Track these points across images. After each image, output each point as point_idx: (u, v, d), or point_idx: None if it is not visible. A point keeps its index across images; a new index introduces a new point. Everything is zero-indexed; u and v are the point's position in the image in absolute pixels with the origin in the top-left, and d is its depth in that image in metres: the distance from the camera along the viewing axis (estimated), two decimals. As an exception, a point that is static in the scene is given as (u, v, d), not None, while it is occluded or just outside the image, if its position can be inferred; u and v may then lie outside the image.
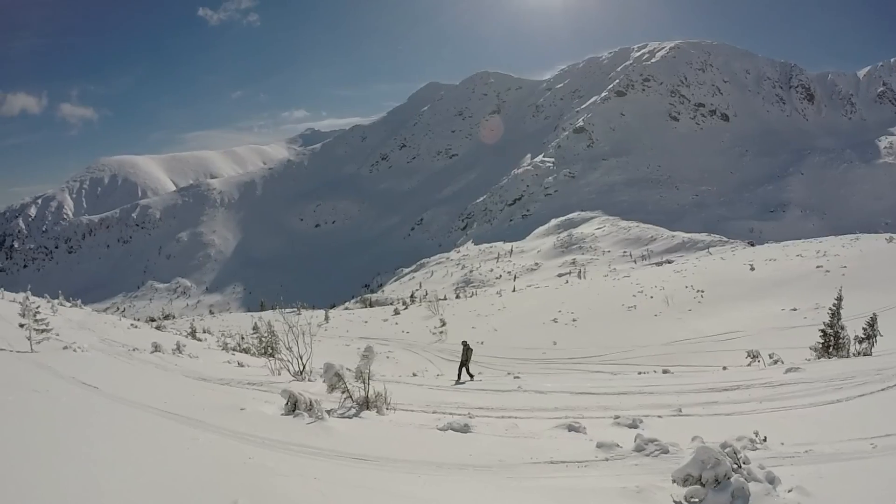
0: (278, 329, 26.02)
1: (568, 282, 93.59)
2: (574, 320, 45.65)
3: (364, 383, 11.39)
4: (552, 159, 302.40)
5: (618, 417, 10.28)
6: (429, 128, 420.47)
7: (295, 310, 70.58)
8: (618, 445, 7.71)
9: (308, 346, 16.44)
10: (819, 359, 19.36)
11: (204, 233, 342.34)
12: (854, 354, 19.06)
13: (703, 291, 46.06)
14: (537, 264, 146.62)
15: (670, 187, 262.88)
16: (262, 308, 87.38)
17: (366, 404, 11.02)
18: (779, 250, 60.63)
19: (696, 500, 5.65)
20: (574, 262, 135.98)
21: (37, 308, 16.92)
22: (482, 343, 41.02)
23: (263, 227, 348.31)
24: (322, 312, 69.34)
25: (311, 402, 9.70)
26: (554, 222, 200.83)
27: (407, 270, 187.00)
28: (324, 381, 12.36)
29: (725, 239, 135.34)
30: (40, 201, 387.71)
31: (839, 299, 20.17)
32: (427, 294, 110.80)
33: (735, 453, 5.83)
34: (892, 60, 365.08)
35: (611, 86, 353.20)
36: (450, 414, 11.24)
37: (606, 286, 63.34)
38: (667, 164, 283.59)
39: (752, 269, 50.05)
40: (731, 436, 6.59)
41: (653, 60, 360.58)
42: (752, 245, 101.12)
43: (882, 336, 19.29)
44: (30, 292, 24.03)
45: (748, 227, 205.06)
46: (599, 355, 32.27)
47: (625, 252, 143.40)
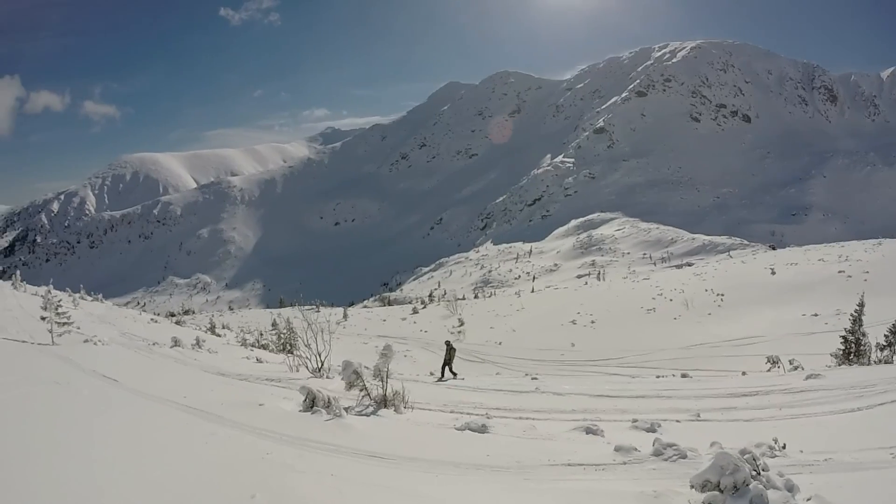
0: (297, 326, 26.31)
1: (587, 283, 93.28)
2: (592, 322, 45.56)
3: (382, 381, 11.44)
4: (572, 160, 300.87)
5: (636, 421, 10.25)
6: (448, 127, 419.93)
7: (314, 307, 70.99)
8: (636, 449, 7.67)
9: (326, 344, 16.55)
10: (840, 366, 19.16)
11: (224, 230, 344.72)
12: (875, 362, 18.84)
13: (723, 295, 45.76)
14: (556, 265, 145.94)
15: (691, 189, 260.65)
16: (282, 305, 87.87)
17: (383, 402, 11.07)
18: (800, 254, 60.06)
19: (714, 506, 5.61)
20: (593, 264, 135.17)
21: (59, 301, 17.22)
22: (500, 343, 41.10)
23: (283, 225, 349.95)
24: (341, 310, 69.74)
25: (329, 399, 9.74)
26: (574, 223, 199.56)
27: (426, 270, 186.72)
28: (342, 379, 12.43)
29: (746, 242, 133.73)
30: (63, 197, 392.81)
31: (861, 305, 19.95)
32: (446, 293, 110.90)
33: (754, 460, 5.78)
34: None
35: (631, 86, 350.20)
36: (467, 414, 11.26)
37: (625, 288, 63.09)
38: (687, 166, 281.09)
39: (773, 273, 49.61)
40: (749, 442, 6.52)
41: (674, 60, 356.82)
42: (774, 248, 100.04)
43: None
44: (52, 286, 24.44)
45: (769, 231, 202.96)
46: (617, 358, 32.16)
47: (645, 254, 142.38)
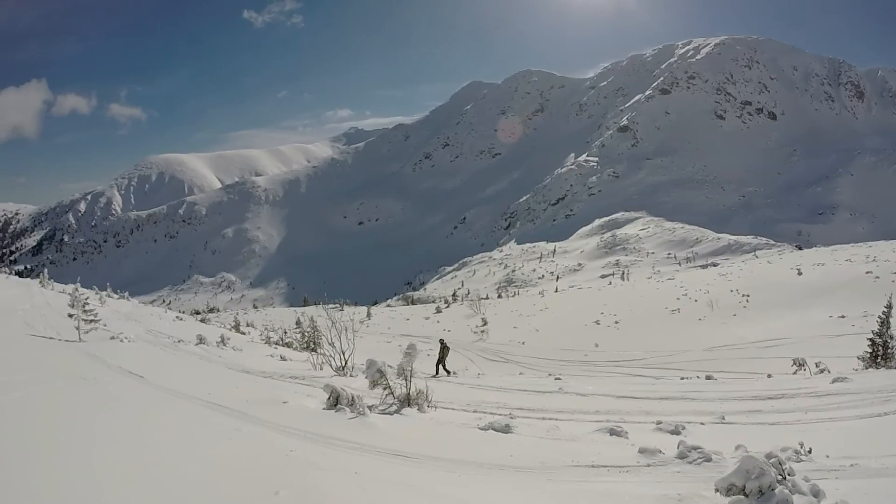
0: (321, 324, 26.54)
1: (611, 283, 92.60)
2: (616, 322, 45.27)
3: (406, 380, 11.50)
4: (596, 158, 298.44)
5: (660, 423, 10.20)
6: (472, 127, 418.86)
7: (337, 306, 71.45)
8: (660, 451, 7.64)
9: (350, 342, 16.69)
10: (867, 369, 18.84)
11: (249, 229, 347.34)
12: (903, 366, 18.52)
13: (748, 296, 45.23)
14: (580, 265, 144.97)
15: (716, 188, 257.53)
16: (305, 304, 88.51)
17: (407, 401, 11.13)
18: (827, 254, 59.18)
19: (739, 510, 5.57)
20: (617, 264, 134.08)
21: (86, 299, 17.51)
22: (523, 343, 40.98)
23: (307, 224, 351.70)
24: (364, 309, 69.98)
25: (352, 397, 9.82)
26: (597, 223, 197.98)
27: (449, 269, 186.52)
28: (366, 377, 12.53)
29: (772, 242, 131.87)
30: (89, 197, 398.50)
31: (889, 307, 19.63)
32: (469, 293, 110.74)
33: (780, 464, 5.72)
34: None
35: (655, 84, 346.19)
36: (490, 413, 11.27)
37: (650, 288, 62.58)
38: (712, 164, 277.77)
39: (800, 273, 48.90)
40: (775, 446, 6.47)
41: (697, 57, 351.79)
42: (800, 248, 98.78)
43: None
44: (79, 284, 24.98)
45: (796, 230, 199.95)
46: (641, 359, 31.93)
47: (669, 254, 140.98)
